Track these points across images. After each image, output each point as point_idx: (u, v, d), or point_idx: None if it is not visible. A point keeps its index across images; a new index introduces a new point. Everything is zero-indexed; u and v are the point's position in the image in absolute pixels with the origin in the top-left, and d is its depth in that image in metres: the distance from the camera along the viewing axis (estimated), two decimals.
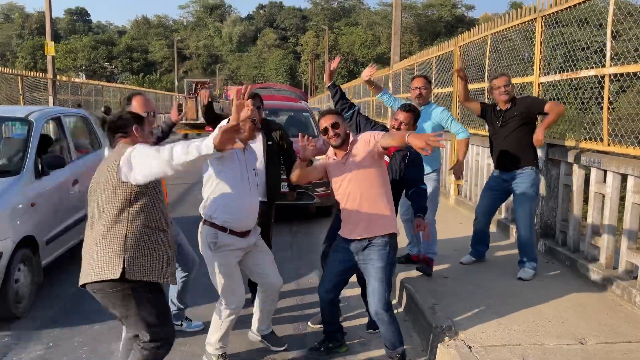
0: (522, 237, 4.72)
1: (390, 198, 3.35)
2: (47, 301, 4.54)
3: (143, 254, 2.57)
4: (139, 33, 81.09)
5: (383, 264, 3.24)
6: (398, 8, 14.45)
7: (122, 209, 2.56)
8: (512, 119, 4.65)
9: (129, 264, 2.53)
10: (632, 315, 3.87)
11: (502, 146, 4.73)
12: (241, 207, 3.32)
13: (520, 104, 4.70)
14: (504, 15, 6.69)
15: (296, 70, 72.50)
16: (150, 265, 2.58)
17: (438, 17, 69.06)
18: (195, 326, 3.96)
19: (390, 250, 3.28)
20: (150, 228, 2.61)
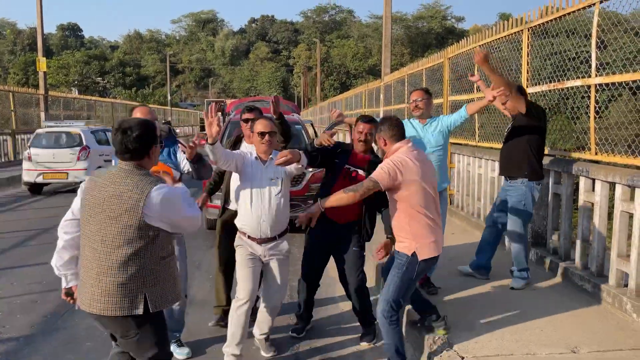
0: (512, 247, 4.74)
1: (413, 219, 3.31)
2: (37, 318, 4.50)
3: (158, 286, 2.54)
4: (132, 48, 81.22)
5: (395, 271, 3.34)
6: (388, 21, 14.59)
7: (141, 246, 2.47)
8: (513, 129, 4.65)
9: (150, 299, 2.50)
10: (623, 323, 3.89)
11: (504, 155, 4.77)
12: (252, 216, 3.55)
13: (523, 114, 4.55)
14: (492, 27, 6.78)
15: (289, 83, 72.78)
16: (165, 294, 2.58)
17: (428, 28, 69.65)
18: (179, 353, 3.79)
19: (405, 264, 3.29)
20: (163, 258, 2.57)
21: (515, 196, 4.63)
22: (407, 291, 3.36)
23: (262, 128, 3.57)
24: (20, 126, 17.98)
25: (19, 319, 4.49)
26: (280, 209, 3.60)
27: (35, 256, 6.40)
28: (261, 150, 3.61)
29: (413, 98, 4.60)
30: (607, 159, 4.47)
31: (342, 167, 3.87)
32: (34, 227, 7.97)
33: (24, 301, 4.92)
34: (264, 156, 3.62)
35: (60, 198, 10.91)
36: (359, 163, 3.87)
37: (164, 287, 2.57)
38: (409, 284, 3.33)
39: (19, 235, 7.49)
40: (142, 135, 2.49)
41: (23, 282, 5.45)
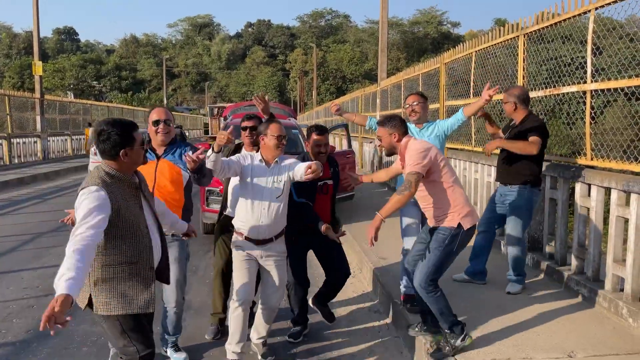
0: (510, 252, 4.74)
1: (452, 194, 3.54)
2: (33, 322, 4.48)
3: (106, 290, 2.59)
4: (128, 52, 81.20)
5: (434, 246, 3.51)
6: (384, 26, 14.65)
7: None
8: (515, 137, 4.62)
9: (94, 298, 2.59)
10: (619, 328, 3.91)
11: (502, 160, 4.76)
12: (251, 218, 3.58)
13: (529, 122, 4.59)
14: (487, 33, 6.82)
15: (285, 87, 72.87)
16: (113, 300, 2.59)
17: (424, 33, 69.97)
18: (176, 358, 3.78)
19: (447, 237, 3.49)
20: (108, 265, 2.57)
21: (517, 201, 4.62)
22: (446, 264, 3.57)
23: (279, 131, 3.56)
24: (15, 130, 17.93)
25: (15, 324, 4.47)
26: (280, 211, 3.62)
27: (32, 260, 6.38)
28: (274, 155, 3.59)
29: (409, 102, 4.60)
30: (602, 164, 4.50)
31: (315, 185, 3.94)
32: (31, 232, 7.94)
33: (20, 306, 4.90)
34: (271, 160, 3.61)
35: (59, 201, 10.88)
36: (326, 174, 4.03)
37: (112, 293, 2.58)
38: (450, 257, 3.54)
39: (16, 240, 7.46)
40: (110, 137, 2.54)
41: (19, 287, 5.43)
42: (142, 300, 2.64)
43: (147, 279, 2.67)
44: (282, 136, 3.56)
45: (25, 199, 11.37)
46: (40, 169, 15.95)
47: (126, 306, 2.61)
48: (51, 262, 6.19)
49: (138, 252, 2.64)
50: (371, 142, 14.07)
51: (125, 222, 2.58)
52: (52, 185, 13.64)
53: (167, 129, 3.59)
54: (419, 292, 3.57)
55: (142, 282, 2.65)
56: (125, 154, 2.56)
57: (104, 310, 2.59)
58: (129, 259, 2.61)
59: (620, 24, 4.75)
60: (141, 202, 2.73)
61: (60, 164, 18.24)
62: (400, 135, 3.56)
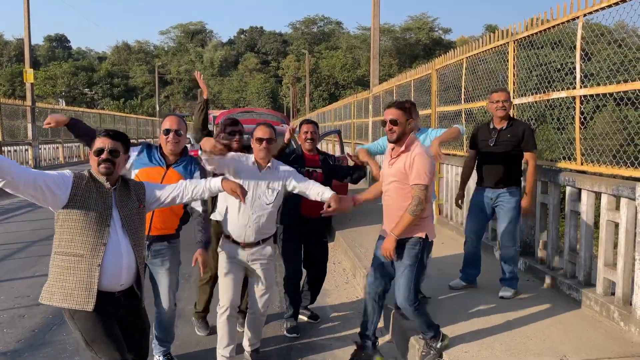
0: (504, 255, 4.74)
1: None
2: (24, 332, 4.45)
3: (53, 279, 2.71)
4: (120, 59, 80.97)
5: (409, 262, 3.44)
6: (376, 34, 14.73)
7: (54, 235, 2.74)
8: (507, 141, 4.62)
9: (44, 289, 2.73)
10: (611, 331, 3.94)
11: (493, 165, 4.70)
12: (239, 221, 3.58)
13: (518, 128, 4.63)
14: (478, 39, 6.88)
15: (278, 94, 72.90)
16: (57, 290, 2.69)
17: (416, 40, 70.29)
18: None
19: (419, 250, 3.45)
20: (60, 254, 2.70)
21: (513, 202, 4.67)
22: (421, 277, 3.58)
23: (261, 134, 3.60)
24: (6, 138, 17.82)
25: (6, 334, 4.43)
26: (268, 217, 3.63)
27: (23, 269, 6.33)
28: (259, 157, 3.63)
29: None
30: (592, 169, 4.55)
31: (302, 171, 4.15)
32: (22, 240, 7.89)
33: (11, 315, 4.86)
34: (263, 162, 3.63)
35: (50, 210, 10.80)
36: (315, 163, 4.38)
37: (58, 283, 2.70)
38: (423, 269, 3.54)
39: (7, 248, 7.40)
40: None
41: (10, 296, 5.39)
42: (81, 296, 2.67)
43: (91, 275, 2.68)
44: (262, 139, 3.57)
45: (16, 207, 11.29)
46: None
47: (65, 299, 2.67)
48: (43, 271, 6.14)
49: (87, 246, 2.68)
50: None
51: (80, 215, 2.68)
52: None
53: (177, 139, 3.57)
54: (405, 311, 3.56)
55: (85, 277, 2.68)
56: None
57: (47, 299, 2.70)
58: (77, 251, 2.68)
59: (609, 30, 4.81)
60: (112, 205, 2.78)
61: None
62: (413, 126, 3.58)
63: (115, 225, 2.77)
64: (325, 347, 4.19)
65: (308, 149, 4.41)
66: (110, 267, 2.72)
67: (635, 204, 3.94)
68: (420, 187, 3.33)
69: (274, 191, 3.61)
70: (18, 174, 2.50)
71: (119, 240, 2.77)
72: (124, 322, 2.86)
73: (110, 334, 2.74)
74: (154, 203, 3.03)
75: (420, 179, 3.33)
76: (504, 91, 4.69)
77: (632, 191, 3.94)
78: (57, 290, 2.69)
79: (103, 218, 2.72)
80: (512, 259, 4.73)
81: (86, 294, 2.67)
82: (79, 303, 2.67)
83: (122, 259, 2.76)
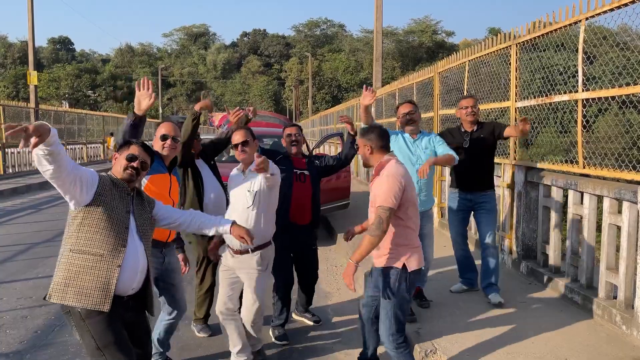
0: (492, 256, 4.72)
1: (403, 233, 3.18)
2: (27, 333, 4.46)
3: (66, 278, 2.63)
4: (123, 61, 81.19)
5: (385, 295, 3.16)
6: (379, 36, 14.75)
7: (66, 233, 2.70)
8: (478, 142, 4.74)
9: (53, 288, 2.64)
10: (613, 335, 3.93)
11: (469, 168, 4.76)
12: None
13: (487, 128, 4.81)
14: (481, 42, 6.88)
15: (280, 96, 73.03)
16: (72, 289, 2.61)
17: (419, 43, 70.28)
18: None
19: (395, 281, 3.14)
20: (78, 252, 2.64)
21: (493, 204, 4.83)
22: (405, 309, 3.21)
23: (235, 140, 3.66)
24: (10, 140, 17.87)
25: (8, 335, 4.44)
26: (252, 222, 3.51)
27: (26, 271, 6.35)
28: (241, 161, 3.67)
29: (404, 111, 4.47)
30: (595, 172, 4.54)
31: (292, 172, 4.17)
32: (25, 242, 7.91)
33: (13, 316, 4.87)
34: (244, 166, 3.65)
35: (53, 211, 10.84)
36: (302, 166, 4.30)
37: (67, 280, 2.63)
38: (405, 302, 3.18)
39: (10, 250, 7.42)
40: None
41: (13, 297, 5.40)
42: (98, 296, 2.63)
43: (110, 276, 2.66)
44: (237, 144, 3.63)
45: (19, 208, 11.32)
46: (34, 179, 15.89)
47: (81, 298, 2.61)
48: (45, 273, 6.16)
49: (108, 246, 2.67)
50: None
51: (103, 215, 2.67)
52: (46, 195, 13.59)
53: (174, 146, 3.60)
54: (389, 351, 3.22)
55: (104, 277, 2.65)
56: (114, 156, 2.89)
57: (58, 297, 2.61)
58: (96, 250, 2.65)
59: (611, 33, 4.81)
60: (130, 210, 2.80)
61: None
62: (375, 149, 3.23)
63: (132, 229, 2.79)
64: (326, 349, 4.18)
65: (293, 152, 4.30)
66: (128, 269, 2.72)
67: (638, 208, 3.93)
68: (383, 208, 3.03)
69: (252, 193, 3.53)
70: (67, 164, 2.53)
71: (136, 244, 2.79)
72: (130, 325, 2.86)
73: (122, 339, 2.73)
74: (163, 220, 3.03)
75: (384, 200, 3.03)
76: (472, 97, 4.94)
77: (634, 195, 3.94)
78: (71, 289, 2.62)
79: (122, 221, 2.74)
80: (497, 262, 4.74)
81: (103, 294, 2.63)
82: (95, 303, 2.62)
83: (139, 262, 2.78)
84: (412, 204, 3.19)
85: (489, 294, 4.64)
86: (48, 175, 2.51)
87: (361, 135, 3.31)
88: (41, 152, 2.39)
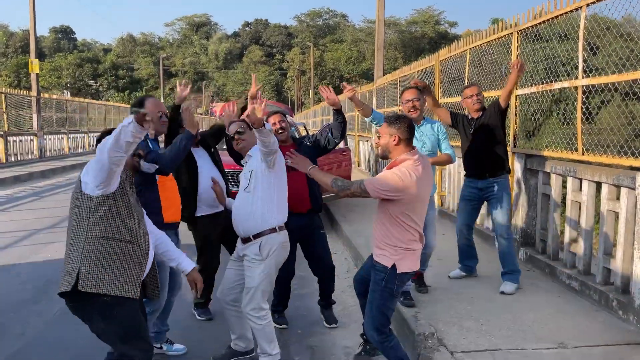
0: (503, 244, 4.73)
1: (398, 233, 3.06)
2: (34, 317, 4.52)
3: (99, 266, 2.53)
4: (125, 50, 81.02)
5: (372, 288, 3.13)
6: (381, 24, 14.69)
7: (80, 220, 2.57)
8: (483, 127, 4.71)
9: (83, 276, 2.51)
10: (609, 320, 3.96)
11: (477, 154, 4.76)
12: (234, 212, 3.52)
13: (489, 110, 4.77)
14: (482, 31, 6.86)
15: (282, 87, 72.90)
16: (107, 277, 2.54)
17: (422, 33, 70.00)
18: (176, 349, 3.83)
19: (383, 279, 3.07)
20: (110, 239, 2.57)
21: (504, 191, 4.69)
22: (390, 306, 3.13)
23: (231, 130, 3.67)
24: (12, 128, 17.91)
25: (11, 318, 4.50)
26: (249, 205, 3.43)
27: (29, 256, 6.40)
28: (239, 149, 3.66)
29: (408, 97, 4.39)
30: (594, 159, 4.55)
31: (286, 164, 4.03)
32: (27, 228, 7.96)
33: (16, 299, 4.92)
34: (243, 154, 3.66)
35: (55, 199, 10.89)
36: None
37: (105, 270, 2.54)
38: (392, 299, 3.11)
39: (12, 236, 7.47)
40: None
41: (16, 282, 5.46)
42: (132, 283, 2.60)
43: (141, 263, 2.67)
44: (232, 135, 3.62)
45: (21, 196, 11.38)
46: (36, 167, 15.95)
47: (117, 286, 2.55)
48: (48, 258, 6.22)
49: (136, 233, 2.67)
50: (367, 141, 14.12)
51: (126, 202, 2.65)
52: (48, 183, 13.65)
53: (166, 121, 3.55)
54: (373, 342, 3.20)
55: (136, 265, 2.64)
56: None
57: (92, 286, 2.50)
58: (127, 237, 2.62)
59: (616, 24, 4.79)
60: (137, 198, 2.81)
61: (57, 162, 18.23)
62: (399, 140, 3.03)
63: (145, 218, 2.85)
64: (325, 333, 4.22)
65: (282, 140, 4.04)
66: (149, 257, 2.75)
67: (636, 194, 3.95)
68: (363, 186, 2.97)
69: (248, 173, 3.47)
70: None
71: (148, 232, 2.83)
72: None
73: (145, 326, 2.75)
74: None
75: (372, 183, 2.97)
76: (475, 85, 4.91)
77: (632, 181, 3.95)
78: (107, 277, 2.53)
79: (138, 209, 2.76)
80: (510, 250, 4.70)
81: (136, 281, 2.63)
82: (129, 290, 2.58)
83: (152, 250, 2.82)
84: (420, 202, 3.05)
85: (502, 282, 4.64)
86: (116, 160, 2.44)
87: (389, 124, 3.07)
88: (137, 139, 2.38)
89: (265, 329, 3.44)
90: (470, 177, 4.87)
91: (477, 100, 4.76)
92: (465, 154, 4.88)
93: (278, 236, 3.49)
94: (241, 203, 3.48)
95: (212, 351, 3.80)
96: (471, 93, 4.77)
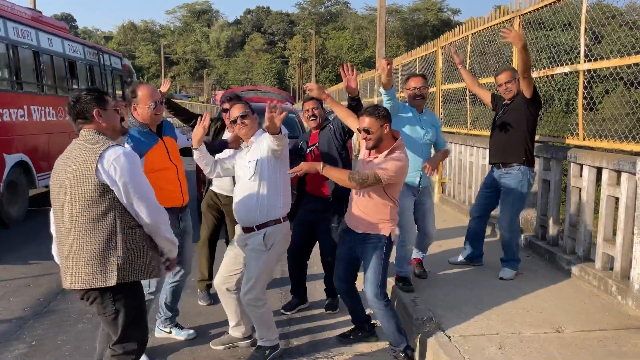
0: (503, 236, 4.67)
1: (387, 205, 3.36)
2: (30, 300, 4.53)
3: (132, 255, 2.49)
4: (126, 38, 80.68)
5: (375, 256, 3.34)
6: (383, 10, 14.58)
7: (105, 212, 2.43)
8: (505, 116, 4.52)
9: (121, 268, 2.45)
10: (608, 305, 3.97)
11: (494, 142, 4.65)
12: (237, 202, 3.46)
13: (517, 100, 4.50)
14: (484, 16, 6.79)
15: (284, 75, 72.56)
16: (140, 264, 2.52)
17: (424, 21, 69.48)
18: (185, 334, 3.83)
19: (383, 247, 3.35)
20: (134, 227, 2.51)
21: (513, 183, 4.48)
22: (386, 267, 3.40)
23: (233, 114, 3.48)
24: None
25: (12, 302, 4.52)
26: (253, 195, 3.34)
27: (29, 241, 6.42)
28: (242, 135, 3.51)
29: (415, 85, 4.28)
30: (594, 144, 4.53)
31: (306, 151, 4.10)
32: (29, 213, 7.98)
33: (17, 285, 4.94)
34: (246, 140, 3.50)
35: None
36: (314, 140, 4.11)
37: (137, 258, 2.50)
38: (387, 263, 3.39)
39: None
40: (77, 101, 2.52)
41: (16, 266, 5.48)
42: (157, 265, 2.63)
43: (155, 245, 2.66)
44: (235, 120, 3.45)
45: None
46: None
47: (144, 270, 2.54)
48: (48, 243, 6.22)
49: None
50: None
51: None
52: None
53: (162, 109, 3.47)
54: (374, 308, 3.37)
55: (155, 247, 2.64)
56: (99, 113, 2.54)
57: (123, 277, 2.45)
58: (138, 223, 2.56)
59: (621, 12, 4.73)
60: None
61: None
62: (390, 127, 3.27)
63: None
64: (324, 321, 4.24)
65: (314, 127, 4.11)
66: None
67: (636, 179, 3.93)
68: (377, 176, 3.14)
69: (252, 162, 3.35)
70: None
71: None
72: None
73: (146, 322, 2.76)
74: None
75: (385, 174, 3.15)
76: (506, 71, 4.57)
77: (632, 166, 3.93)
78: (140, 265, 2.52)
79: None
80: (510, 240, 4.60)
81: (159, 262, 2.67)
82: (153, 272, 2.61)
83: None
84: (400, 184, 3.39)
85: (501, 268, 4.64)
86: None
87: (377, 117, 3.21)
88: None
89: (263, 316, 3.43)
90: (491, 165, 4.77)
91: (506, 89, 4.50)
92: (491, 139, 4.74)
93: (282, 227, 3.43)
94: (245, 193, 3.38)
95: (210, 337, 3.82)
96: (500, 82, 4.53)
